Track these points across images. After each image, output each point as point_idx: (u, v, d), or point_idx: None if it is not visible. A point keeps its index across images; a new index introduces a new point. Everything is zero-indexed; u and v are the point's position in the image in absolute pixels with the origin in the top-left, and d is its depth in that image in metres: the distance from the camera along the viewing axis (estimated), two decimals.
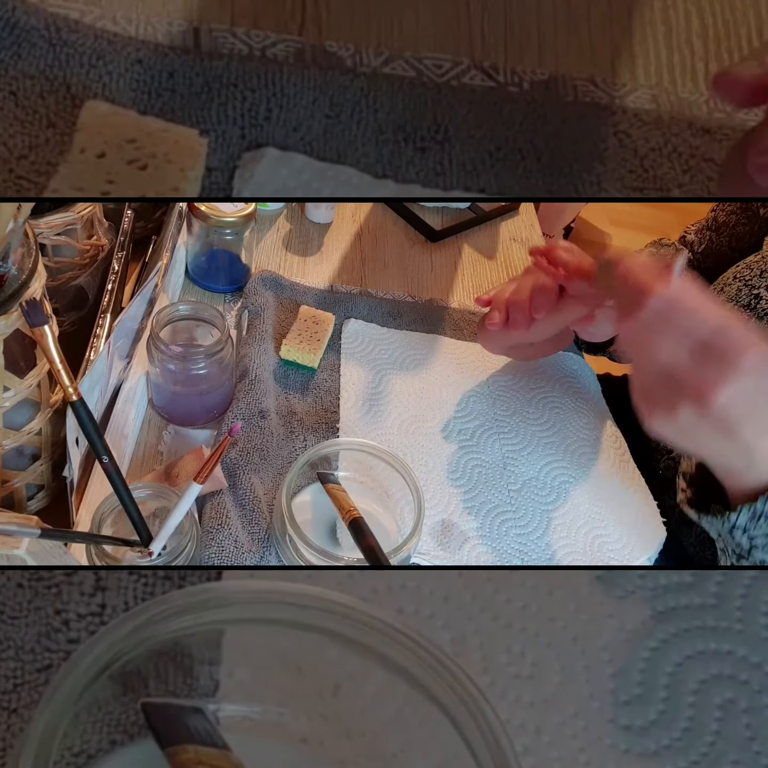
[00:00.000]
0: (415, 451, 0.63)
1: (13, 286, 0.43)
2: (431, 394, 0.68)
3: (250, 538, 0.53)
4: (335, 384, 0.67)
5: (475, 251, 0.89)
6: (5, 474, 0.49)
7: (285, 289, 0.75)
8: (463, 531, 0.58)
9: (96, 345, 0.56)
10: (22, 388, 0.46)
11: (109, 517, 0.46)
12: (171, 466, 0.56)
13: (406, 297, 0.79)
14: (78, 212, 0.58)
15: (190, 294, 0.74)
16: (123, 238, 0.64)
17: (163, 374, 0.58)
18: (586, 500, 0.62)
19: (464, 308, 0.79)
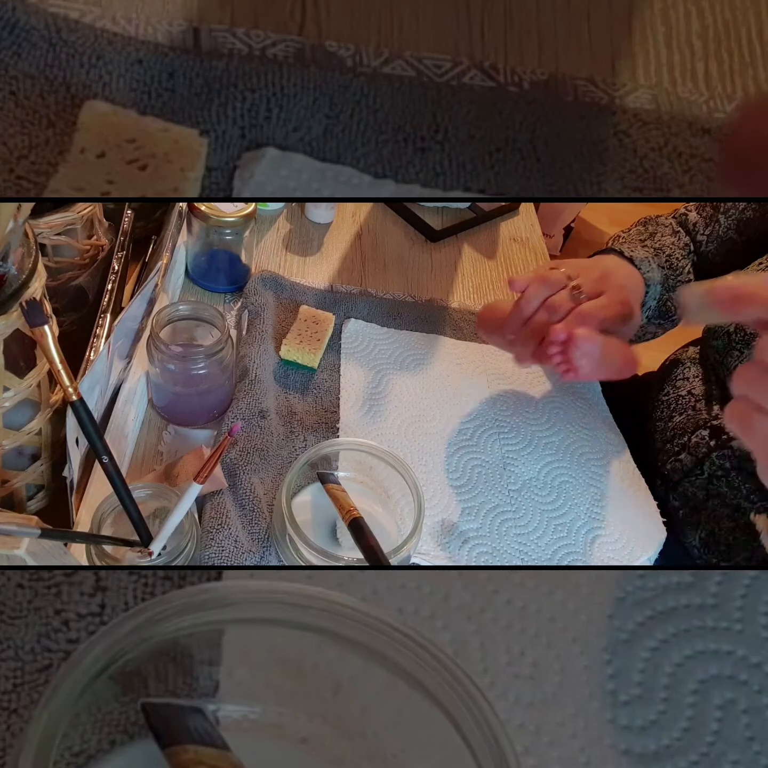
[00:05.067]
0: (415, 451, 0.63)
1: (13, 286, 0.43)
2: (431, 394, 0.68)
3: (250, 538, 0.53)
4: (335, 384, 0.67)
5: (475, 251, 0.89)
6: (5, 474, 0.49)
7: (285, 289, 0.75)
8: (463, 531, 0.58)
9: (96, 345, 0.56)
10: (22, 388, 0.46)
11: (109, 517, 0.46)
12: (171, 466, 0.56)
13: (406, 297, 0.79)
14: (78, 212, 0.58)
15: (190, 294, 0.74)
16: (123, 238, 0.64)
17: (163, 374, 0.58)
18: (586, 500, 0.62)
19: (464, 308, 0.79)
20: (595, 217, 2.51)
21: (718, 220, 0.74)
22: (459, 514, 0.59)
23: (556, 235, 2.32)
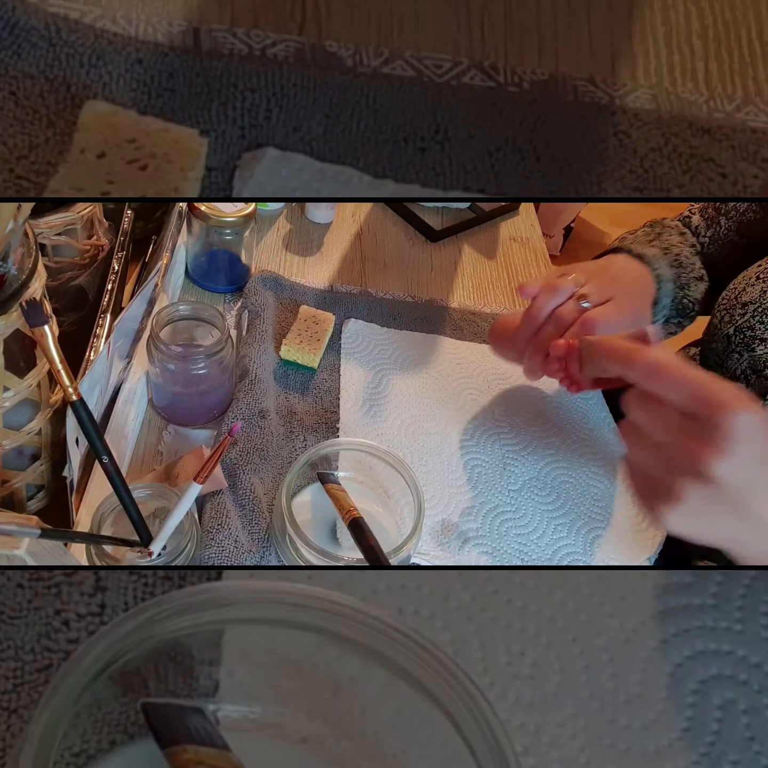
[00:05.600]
0: (415, 451, 0.63)
1: (13, 286, 0.43)
2: (431, 394, 0.68)
3: (250, 538, 0.53)
4: (335, 384, 0.67)
5: (475, 251, 0.89)
6: (5, 474, 0.49)
7: (285, 289, 0.75)
8: (463, 531, 0.58)
9: (96, 345, 0.56)
10: (22, 388, 0.46)
11: (109, 517, 0.46)
12: (171, 466, 0.56)
13: (406, 297, 0.79)
14: (78, 212, 0.58)
15: (190, 294, 0.74)
16: (123, 238, 0.64)
17: (163, 374, 0.58)
18: (586, 500, 0.62)
19: (464, 308, 0.79)
20: (595, 217, 2.51)
21: (719, 222, 0.74)
22: (459, 514, 0.59)
23: (556, 235, 2.32)
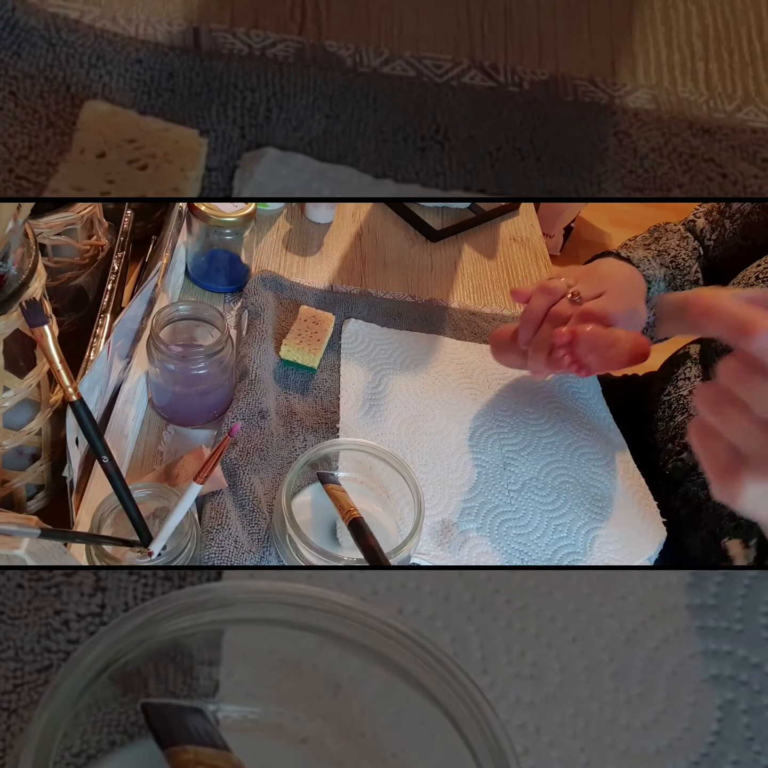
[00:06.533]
0: (415, 451, 0.63)
1: (13, 286, 0.43)
2: (431, 394, 0.68)
3: (250, 538, 0.53)
4: (335, 384, 0.67)
5: (475, 251, 0.89)
6: (5, 474, 0.49)
7: (285, 289, 0.75)
8: (463, 531, 0.58)
9: (96, 345, 0.56)
10: (22, 388, 0.46)
11: (109, 517, 0.46)
12: (171, 466, 0.56)
13: (406, 297, 0.79)
14: (78, 212, 0.58)
15: (190, 294, 0.74)
16: (123, 238, 0.64)
17: (163, 374, 0.58)
18: (586, 500, 0.62)
19: (464, 308, 0.79)
20: (595, 217, 2.51)
21: (724, 225, 0.74)
22: (459, 514, 0.59)
23: (556, 235, 2.32)
